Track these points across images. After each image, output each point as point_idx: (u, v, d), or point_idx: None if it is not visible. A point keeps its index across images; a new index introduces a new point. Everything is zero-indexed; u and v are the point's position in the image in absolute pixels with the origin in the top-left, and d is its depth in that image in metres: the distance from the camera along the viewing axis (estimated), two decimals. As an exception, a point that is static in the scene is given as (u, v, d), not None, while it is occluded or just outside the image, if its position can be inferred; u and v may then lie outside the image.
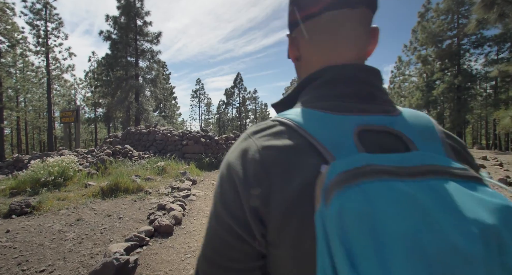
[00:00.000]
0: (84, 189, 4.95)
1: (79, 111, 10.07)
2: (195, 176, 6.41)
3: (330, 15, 0.44)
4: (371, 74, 0.44)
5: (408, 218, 0.26)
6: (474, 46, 20.63)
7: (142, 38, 18.29)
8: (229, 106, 51.32)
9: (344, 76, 0.43)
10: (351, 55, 0.45)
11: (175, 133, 7.98)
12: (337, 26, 0.44)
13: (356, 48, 0.45)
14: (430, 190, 0.29)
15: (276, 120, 0.42)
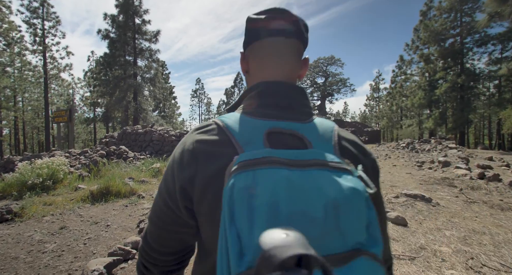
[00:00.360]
0: (74, 193, 4.68)
1: (73, 111, 9.78)
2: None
3: (270, 40, 0.58)
4: (293, 91, 0.57)
5: (277, 193, 0.38)
6: (477, 44, 20.31)
7: (140, 36, 18.02)
8: (229, 106, 50.96)
9: (271, 90, 0.56)
10: (282, 74, 0.59)
11: (172, 133, 7.68)
12: (274, 49, 0.58)
13: (287, 70, 0.59)
14: (309, 176, 0.40)
15: (213, 121, 0.54)
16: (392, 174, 7.37)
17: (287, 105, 0.54)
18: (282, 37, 0.57)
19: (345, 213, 0.38)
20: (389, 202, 4.08)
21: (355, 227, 0.39)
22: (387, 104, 41.74)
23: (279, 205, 0.37)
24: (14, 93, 18.57)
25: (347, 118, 72.96)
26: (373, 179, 0.50)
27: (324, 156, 0.44)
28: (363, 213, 0.40)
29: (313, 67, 56.33)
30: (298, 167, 0.41)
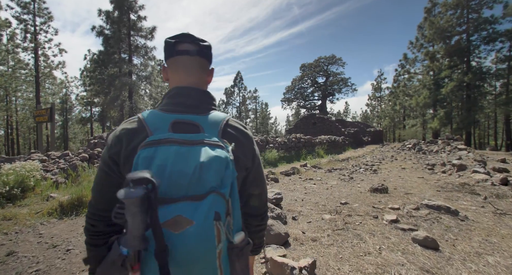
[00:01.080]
0: (44, 204, 4.09)
1: (54, 110, 9.15)
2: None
3: (179, 57, 0.81)
4: (197, 93, 0.80)
5: (166, 160, 0.61)
6: (485, 42, 19.70)
7: (136, 33, 17.44)
8: (229, 106, 50.45)
9: (180, 92, 0.79)
10: (190, 82, 0.82)
11: None
12: (182, 64, 0.81)
13: (193, 78, 0.83)
14: (193, 150, 0.63)
15: (137, 115, 0.76)
16: (403, 179, 6.75)
17: (191, 103, 0.78)
18: (187, 55, 0.81)
19: (207, 170, 0.62)
20: (410, 216, 3.47)
21: (212, 178, 0.62)
22: (389, 103, 41.15)
23: (166, 166, 0.61)
24: (6, 92, 17.98)
25: (348, 118, 72.36)
26: (249, 151, 0.80)
27: (208, 137, 0.69)
28: (221, 170, 0.64)
29: (313, 66, 55.72)
30: (188, 145, 0.65)
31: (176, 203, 0.59)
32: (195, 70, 0.82)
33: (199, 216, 0.57)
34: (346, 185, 6.02)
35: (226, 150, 0.67)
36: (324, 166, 9.44)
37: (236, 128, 0.80)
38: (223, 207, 0.61)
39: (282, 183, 6.19)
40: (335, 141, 16.53)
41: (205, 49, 0.83)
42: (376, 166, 9.48)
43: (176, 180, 0.60)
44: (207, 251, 0.57)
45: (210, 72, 0.90)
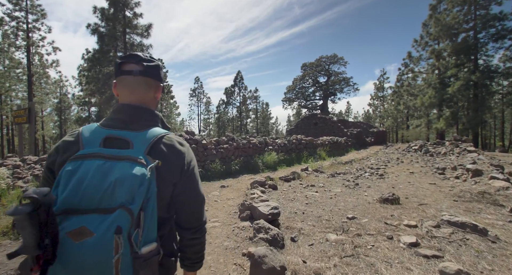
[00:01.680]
0: (6, 218, 3.58)
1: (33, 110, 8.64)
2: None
3: (123, 77, 0.87)
4: (137, 110, 0.86)
5: (86, 174, 0.67)
6: (493, 39, 19.07)
7: (131, 31, 16.94)
8: (229, 106, 49.93)
9: (120, 109, 0.85)
10: (131, 99, 0.87)
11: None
12: (126, 83, 0.87)
13: (136, 96, 0.88)
14: (115, 165, 0.69)
15: (79, 129, 0.83)
16: (413, 186, 6.21)
17: (128, 120, 0.84)
18: (130, 76, 0.86)
19: (120, 186, 0.66)
20: (431, 237, 2.93)
21: (123, 194, 0.66)
22: (392, 103, 40.53)
23: (84, 180, 0.66)
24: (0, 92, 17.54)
25: (350, 118, 71.81)
26: (176, 168, 0.84)
27: (134, 154, 0.73)
28: (134, 187, 0.67)
29: (315, 66, 55.20)
30: (113, 160, 0.70)
31: (84, 215, 0.65)
32: (138, 89, 0.89)
33: (101, 229, 0.62)
34: (351, 193, 5.49)
35: (145, 168, 0.71)
36: (327, 170, 8.91)
37: (167, 145, 0.85)
38: (127, 221, 0.64)
39: (281, 190, 5.66)
40: (337, 142, 15.98)
41: (150, 69, 0.89)
42: (382, 170, 8.94)
43: (90, 193, 0.66)
44: (103, 261, 0.61)
45: (158, 89, 0.96)
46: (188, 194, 0.88)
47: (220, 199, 4.91)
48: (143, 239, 0.68)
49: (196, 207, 0.91)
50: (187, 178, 0.87)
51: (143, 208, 0.68)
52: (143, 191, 0.67)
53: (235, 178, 7.19)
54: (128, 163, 0.70)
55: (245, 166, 8.26)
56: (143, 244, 0.68)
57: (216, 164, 7.10)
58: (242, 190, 5.76)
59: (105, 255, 0.61)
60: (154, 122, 0.88)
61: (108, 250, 0.61)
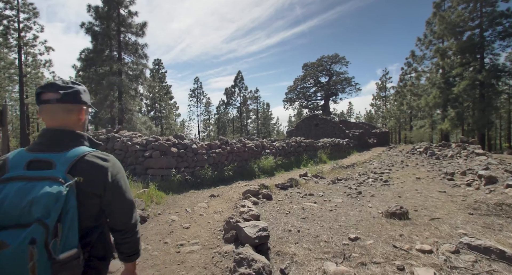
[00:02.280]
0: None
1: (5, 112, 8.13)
2: (151, 205, 4.56)
3: (43, 106, 0.98)
4: (58, 134, 0.98)
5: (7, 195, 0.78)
6: (500, 37, 18.50)
7: (126, 29, 16.48)
8: (230, 106, 49.49)
9: (43, 133, 0.98)
10: (53, 124, 0.98)
11: (136, 141, 6.08)
12: (46, 111, 0.98)
13: (57, 121, 0.99)
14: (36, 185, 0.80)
15: (7, 154, 0.94)
16: (421, 194, 5.71)
17: (50, 143, 0.96)
18: (48, 104, 0.97)
19: (36, 204, 0.77)
20: (451, 268, 2.44)
21: (39, 210, 0.76)
22: (395, 103, 39.94)
23: (5, 200, 0.77)
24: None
25: (352, 118, 71.30)
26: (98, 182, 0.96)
27: (55, 173, 0.85)
28: (50, 204, 0.78)
29: (316, 66, 54.73)
30: (36, 180, 0.82)
31: (5, 230, 0.76)
32: (58, 115, 0.99)
33: (17, 241, 0.73)
34: (354, 203, 5.00)
35: (62, 185, 0.83)
36: (327, 175, 8.41)
37: (88, 162, 0.97)
38: (42, 233, 0.75)
39: (276, 200, 5.17)
40: (338, 144, 15.46)
41: (67, 96, 0.99)
42: (387, 175, 8.44)
43: (10, 212, 0.77)
44: (19, 268, 0.73)
45: (81, 111, 1.06)
46: (114, 203, 1.04)
47: (207, 212, 4.42)
48: (61, 246, 0.81)
49: (123, 214, 1.08)
50: (112, 189, 1.02)
51: (60, 221, 0.81)
52: (59, 206, 0.80)
53: (228, 185, 6.70)
54: (48, 182, 0.83)
55: (240, 172, 7.77)
56: (61, 250, 0.81)
57: (207, 170, 6.61)
58: (233, 200, 5.28)
59: (20, 262, 0.73)
60: (78, 143, 1.02)
61: (23, 258, 0.73)
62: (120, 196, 1.05)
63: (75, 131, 1.02)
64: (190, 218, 4.07)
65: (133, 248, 1.13)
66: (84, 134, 1.05)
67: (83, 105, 1.06)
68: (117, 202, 1.04)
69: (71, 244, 0.83)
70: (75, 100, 1.02)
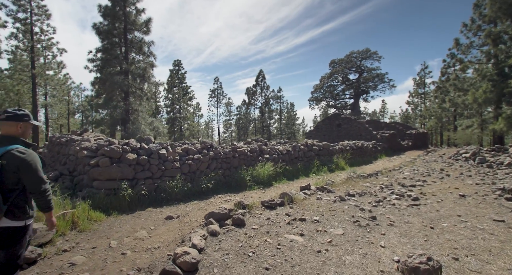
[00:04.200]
0: None
1: None
2: (67, 235, 3.46)
3: None
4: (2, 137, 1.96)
5: None
6: None
7: (132, 27, 16.10)
8: (251, 106, 48.45)
9: None
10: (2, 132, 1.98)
11: (85, 146, 5.04)
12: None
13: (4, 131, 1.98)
14: None
15: None
16: (466, 225, 3.99)
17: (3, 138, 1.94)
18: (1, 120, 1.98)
19: None
20: None
21: None
22: (435, 101, 35.89)
23: None
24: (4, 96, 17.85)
25: (386, 118, 66.60)
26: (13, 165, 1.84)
27: None
28: None
29: (345, 62, 51.88)
30: None
31: None
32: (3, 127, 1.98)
33: None
34: (359, 239, 3.49)
35: None
36: (338, 188, 6.82)
37: (10, 153, 1.85)
38: None
39: (248, 229, 3.82)
40: (362, 147, 13.48)
41: (8, 118, 1.98)
42: (418, 190, 6.65)
43: None
44: None
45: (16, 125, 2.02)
46: (25, 178, 1.90)
47: (137, 248, 3.21)
48: None
49: (32, 184, 1.93)
50: (23, 170, 1.87)
51: None
52: None
53: (203, 200, 5.47)
54: None
55: (226, 182, 6.51)
56: None
57: (176, 182, 5.42)
58: (192, 225, 4.04)
59: None
60: (13, 142, 1.94)
61: None
62: (29, 174, 1.90)
63: (14, 136, 1.99)
64: (103, 260, 2.89)
65: (44, 205, 2.03)
66: (19, 138, 2.01)
67: (19, 122, 2.02)
68: (27, 177, 1.90)
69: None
70: (15, 119, 2.00)
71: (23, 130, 2.04)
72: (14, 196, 1.87)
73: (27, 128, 2.08)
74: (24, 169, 1.86)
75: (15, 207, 1.86)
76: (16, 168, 1.84)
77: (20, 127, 2.01)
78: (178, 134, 34.17)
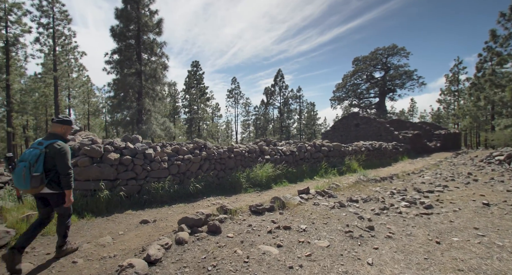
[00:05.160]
0: None
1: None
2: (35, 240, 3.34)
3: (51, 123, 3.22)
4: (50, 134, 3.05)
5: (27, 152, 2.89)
6: None
7: (145, 28, 16.44)
8: (270, 106, 48.01)
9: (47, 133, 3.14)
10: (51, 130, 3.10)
11: (69, 145, 5.07)
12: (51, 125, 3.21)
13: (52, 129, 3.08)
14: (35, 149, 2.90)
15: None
16: (482, 240, 3.37)
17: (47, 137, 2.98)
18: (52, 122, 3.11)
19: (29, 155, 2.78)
20: None
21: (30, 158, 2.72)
22: (470, 98, 33.17)
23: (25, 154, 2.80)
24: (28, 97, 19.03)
25: (415, 117, 63.01)
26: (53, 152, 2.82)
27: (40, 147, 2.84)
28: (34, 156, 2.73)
29: (369, 59, 49.83)
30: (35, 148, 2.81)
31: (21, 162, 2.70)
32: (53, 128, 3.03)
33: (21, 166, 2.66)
34: (345, 254, 3.06)
35: (39, 151, 2.76)
36: (342, 192, 6.28)
37: (52, 145, 2.83)
38: (27, 165, 2.65)
39: (222, 237, 3.51)
40: (380, 148, 12.59)
41: (58, 121, 3.05)
42: (436, 196, 5.96)
43: (24, 157, 2.71)
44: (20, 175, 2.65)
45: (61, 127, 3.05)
46: (58, 163, 2.81)
47: (94, 255, 3.01)
48: (33, 171, 2.66)
49: (61, 168, 2.83)
50: (57, 157, 2.80)
51: (36, 161, 2.70)
52: (35, 157, 2.70)
53: (190, 203, 5.23)
54: (37, 150, 2.76)
55: (220, 184, 6.23)
56: (34, 172, 2.66)
57: (163, 184, 5.23)
58: (166, 230, 3.79)
59: (20, 173, 2.65)
60: (56, 138, 2.94)
61: (21, 172, 2.64)
62: (60, 160, 2.80)
63: (58, 133, 3.00)
64: (49, 269, 2.71)
65: (66, 184, 2.85)
66: (59, 134, 3.01)
67: (64, 125, 3.06)
68: (58, 162, 2.80)
69: (38, 170, 2.68)
70: (62, 123, 3.05)
71: (64, 131, 3.08)
72: (52, 174, 2.84)
73: (68, 130, 3.12)
74: (58, 157, 2.80)
75: (52, 181, 2.84)
76: (54, 155, 2.79)
77: (63, 128, 3.06)
78: (196, 134, 34.63)
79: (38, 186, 2.67)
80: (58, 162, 2.78)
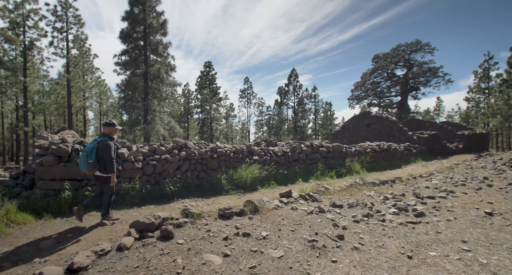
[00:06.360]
0: None
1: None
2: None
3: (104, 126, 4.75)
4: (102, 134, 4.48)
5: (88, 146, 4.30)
6: None
7: (151, 30, 16.68)
8: (284, 106, 47.43)
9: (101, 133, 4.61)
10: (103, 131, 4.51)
11: (40, 144, 4.92)
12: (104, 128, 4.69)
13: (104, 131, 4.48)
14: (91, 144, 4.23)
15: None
16: (464, 257, 2.93)
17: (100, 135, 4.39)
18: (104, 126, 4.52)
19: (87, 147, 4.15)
20: None
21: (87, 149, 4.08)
22: (501, 96, 30.76)
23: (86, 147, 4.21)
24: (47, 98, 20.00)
25: (441, 117, 59.72)
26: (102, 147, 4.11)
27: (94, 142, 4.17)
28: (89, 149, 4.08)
29: (390, 56, 47.80)
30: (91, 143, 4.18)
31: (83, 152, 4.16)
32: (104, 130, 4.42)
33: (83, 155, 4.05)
34: (293, 268, 2.79)
35: (93, 145, 4.08)
36: (330, 196, 5.89)
37: (101, 141, 4.12)
38: (86, 154, 4.02)
39: (172, 243, 3.32)
40: (389, 149, 11.83)
41: (106, 124, 4.43)
42: (435, 202, 5.45)
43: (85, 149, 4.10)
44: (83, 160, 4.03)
45: (108, 128, 4.37)
46: (104, 154, 4.07)
47: (29, 259, 2.91)
48: (89, 158, 4.00)
49: (106, 157, 4.08)
50: (104, 150, 4.07)
51: (91, 152, 4.03)
52: (90, 149, 4.03)
53: (161, 205, 5.08)
54: (92, 144, 4.08)
55: (199, 185, 6.03)
56: (90, 159, 4.00)
57: (133, 184, 5.13)
58: (120, 234, 3.64)
59: (81, 159, 4.04)
60: (105, 136, 4.26)
61: (81, 159, 4.03)
62: (106, 152, 4.05)
63: (107, 133, 4.33)
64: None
65: (110, 169, 4.09)
66: (107, 134, 4.32)
67: (111, 127, 4.36)
68: (105, 154, 4.06)
69: (91, 158, 4.00)
70: (108, 125, 4.37)
71: (111, 131, 4.32)
72: (102, 162, 4.06)
73: (113, 130, 4.35)
74: (105, 150, 4.02)
75: (102, 167, 4.07)
76: (102, 148, 4.02)
77: (110, 129, 4.31)
78: (208, 135, 34.91)
79: (92, 169, 3.99)
80: (104, 153, 4.01)
